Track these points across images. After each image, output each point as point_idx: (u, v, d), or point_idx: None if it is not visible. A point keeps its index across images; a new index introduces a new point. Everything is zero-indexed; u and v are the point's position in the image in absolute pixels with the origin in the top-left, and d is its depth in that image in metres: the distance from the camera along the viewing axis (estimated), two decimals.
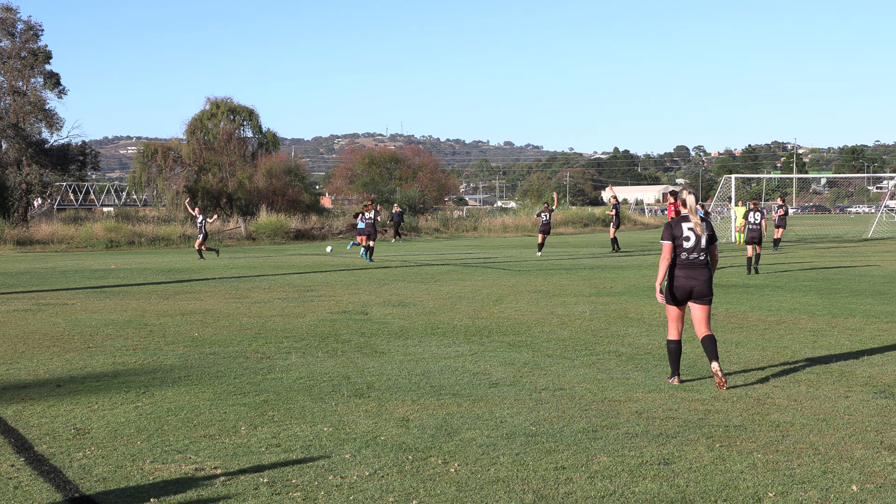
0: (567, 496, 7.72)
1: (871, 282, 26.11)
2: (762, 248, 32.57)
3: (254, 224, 65.15)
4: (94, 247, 56.11)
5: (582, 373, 13.12)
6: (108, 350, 15.51)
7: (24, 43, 71.96)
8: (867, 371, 13.06)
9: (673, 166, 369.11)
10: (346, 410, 10.88)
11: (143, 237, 59.71)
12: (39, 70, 72.82)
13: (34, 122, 73.52)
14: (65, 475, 8.46)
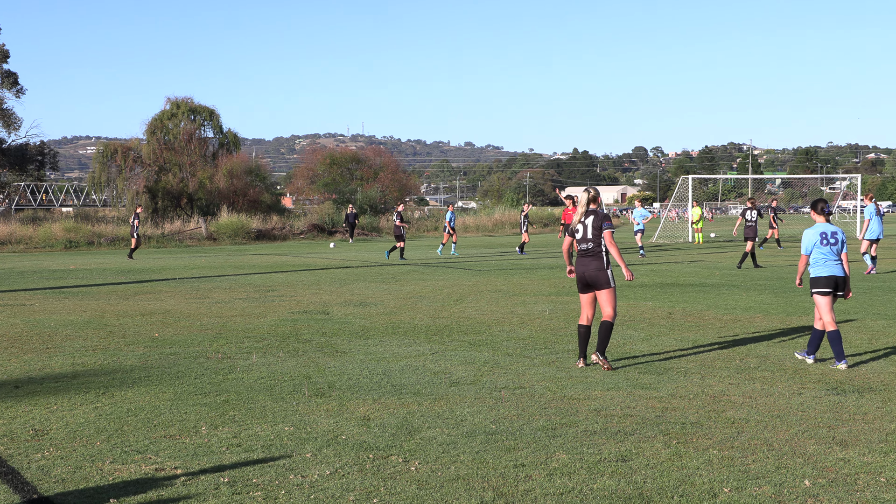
0: (526, 493, 7.75)
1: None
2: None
3: (214, 224, 64.92)
4: (52, 247, 55.79)
5: (541, 371, 13.16)
6: (68, 351, 15.43)
7: None
8: (820, 368, 13.17)
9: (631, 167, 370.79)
10: (307, 410, 10.88)
11: (102, 237, 59.34)
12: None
13: None
14: (23, 476, 8.42)
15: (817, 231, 13.47)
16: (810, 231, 13.53)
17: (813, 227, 13.58)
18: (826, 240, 13.40)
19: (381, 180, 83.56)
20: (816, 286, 13.45)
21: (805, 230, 13.65)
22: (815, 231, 13.49)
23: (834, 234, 13.47)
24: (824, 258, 13.40)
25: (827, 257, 13.40)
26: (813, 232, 13.48)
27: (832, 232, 13.46)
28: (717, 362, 13.82)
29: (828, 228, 13.49)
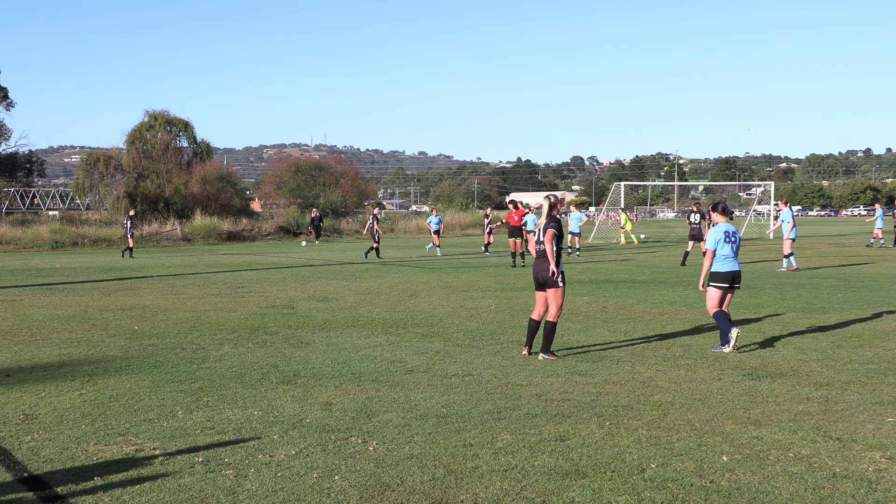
0: (474, 470, 7.79)
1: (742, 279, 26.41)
2: None
3: (189, 226, 64.61)
4: (40, 247, 55.30)
5: (488, 360, 13.20)
6: (54, 342, 15.33)
7: None
8: (737, 356, 13.27)
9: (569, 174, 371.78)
10: (274, 396, 10.87)
11: (86, 238, 58.99)
12: None
13: None
14: (14, 457, 8.39)
15: (721, 230, 13.75)
16: (716, 229, 13.81)
17: (718, 227, 13.85)
18: (728, 238, 13.72)
19: (342, 186, 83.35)
20: (716, 280, 13.70)
21: (711, 228, 13.93)
22: (720, 230, 13.76)
23: (735, 233, 13.87)
24: (725, 255, 13.69)
25: (727, 254, 13.69)
26: (718, 230, 13.76)
27: (733, 231, 13.84)
28: (645, 351, 13.91)
29: (729, 228, 13.84)
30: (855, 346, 14.15)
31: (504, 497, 7.12)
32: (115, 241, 58.54)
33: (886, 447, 8.44)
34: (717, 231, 13.74)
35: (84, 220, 74.47)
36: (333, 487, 7.40)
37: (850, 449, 8.39)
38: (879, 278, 26.38)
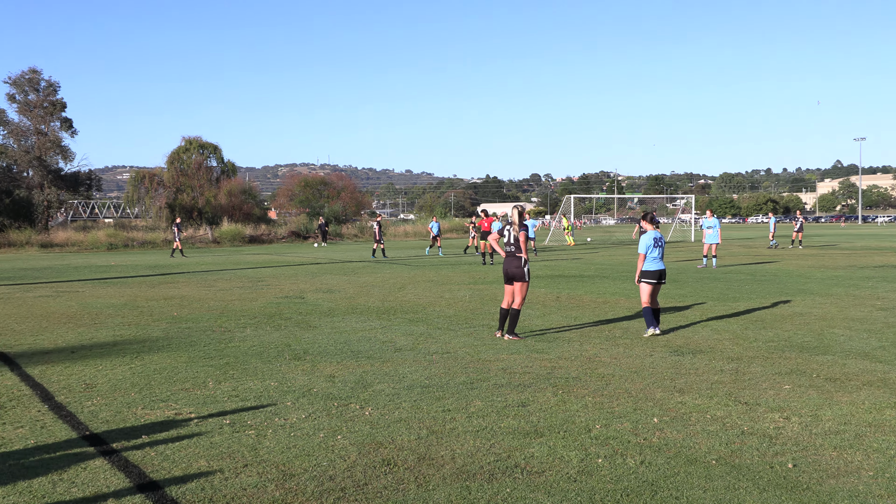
0: (451, 430, 7.81)
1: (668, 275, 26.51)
2: None
3: (218, 231, 64.54)
4: (98, 248, 55.11)
5: (463, 340, 13.20)
6: (109, 325, 15.29)
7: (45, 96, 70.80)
8: (665, 337, 13.32)
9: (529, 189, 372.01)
10: (287, 370, 10.86)
11: (134, 241, 58.96)
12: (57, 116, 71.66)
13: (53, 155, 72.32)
14: (78, 418, 8.38)
15: (651, 237, 13.80)
16: (646, 236, 13.84)
17: (648, 234, 13.88)
18: (657, 243, 13.79)
19: (343, 198, 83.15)
20: (646, 277, 13.72)
21: (642, 235, 13.96)
22: (649, 236, 13.81)
23: (661, 238, 13.95)
24: (654, 257, 13.74)
25: (656, 256, 13.75)
26: (648, 237, 13.81)
27: (660, 237, 13.92)
28: (591, 333, 13.93)
29: (657, 234, 13.90)
30: (759, 328, 14.23)
31: (476, 453, 7.14)
32: (158, 244, 58.50)
33: (784, 409, 8.50)
34: (647, 237, 13.81)
35: (133, 227, 74.50)
36: (336, 445, 7.41)
37: (755, 411, 8.45)
38: (779, 273, 26.51)
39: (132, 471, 6.73)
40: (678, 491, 6.20)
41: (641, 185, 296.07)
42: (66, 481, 6.51)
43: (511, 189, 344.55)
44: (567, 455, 7.05)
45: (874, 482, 6.38)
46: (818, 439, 7.48)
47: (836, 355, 11.61)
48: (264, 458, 7.05)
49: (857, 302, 18.02)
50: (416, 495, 6.16)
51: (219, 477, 6.57)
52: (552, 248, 50.01)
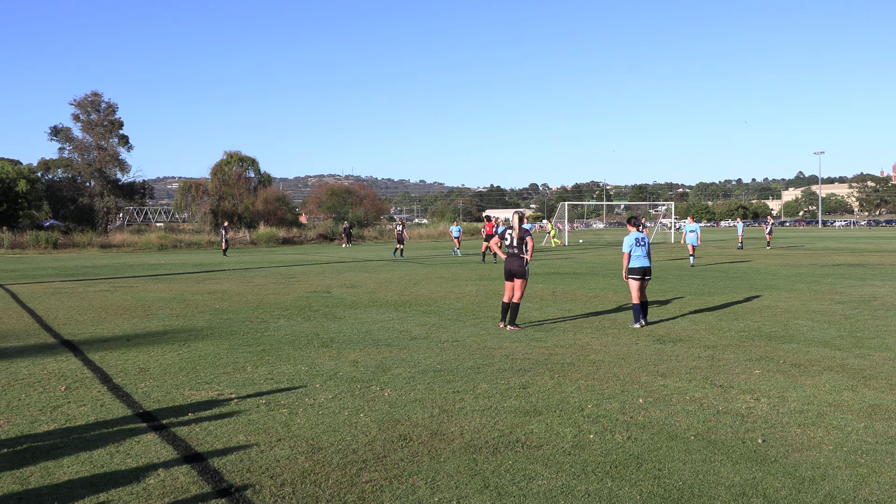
0: (460, 409, 7.79)
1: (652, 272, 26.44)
2: None
3: (255, 234, 64.67)
4: (150, 249, 55.25)
5: (470, 330, 13.19)
6: (160, 316, 15.31)
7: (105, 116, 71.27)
8: (648, 328, 13.29)
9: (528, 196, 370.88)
10: (316, 356, 10.86)
11: (182, 242, 59.09)
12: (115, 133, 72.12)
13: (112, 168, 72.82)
14: (132, 398, 8.39)
15: (633, 237, 13.78)
16: (629, 237, 13.82)
17: (630, 235, 13.87)
18: (639, 243, 13.76)
19: (365, 205, 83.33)
20: (632, 274, 13.68)
21: (625, 237, 13.94)
22: (631, 237, 13.80)
23: (643, 239, 13.88)
24: (637, 255, 13.72)
25: (639, 254, 13.72)
26: (630, 238, 13.79)
27: (642, 238, 13.85)
28: (584, 323, 13.91)
29: (639, 235, 13.85)
30: (732, 319, 14.18)
31: (482, 429, 7.12)
32: (202, 245, 58.59)
33: (754, 391, 8.47)
34: (629, 238, 13.81)
35: (181, 230, 74.96)
36: (359, 422, 7.39)
37: (729, 393, 8.42)
38: (749, 271, 26.44)
39: (179, 444, 6.73)
40: (661, 463, 6.18)
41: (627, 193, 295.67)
42: (122, 453, 6.52)
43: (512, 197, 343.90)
44: (562, 431, 7.03)
45: (834, 455, 6.36)
46: (784, 418, 7.45)
47: (799, 343, 11.57)
48: (295, 433, 7.04)
49: (818, 296, 17.96)
50: (429, 466, 6.15)
51: (255, 450, 6.57)
52: (548, 249, 49.98)
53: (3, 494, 5.63)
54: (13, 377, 9.59)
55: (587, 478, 5.88)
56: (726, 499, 5.46)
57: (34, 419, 7.61)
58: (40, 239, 53.53)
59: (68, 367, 10.25)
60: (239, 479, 5.91)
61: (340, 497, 5.55)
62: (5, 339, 12.67)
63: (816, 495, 5.53)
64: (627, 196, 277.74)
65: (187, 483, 5.82)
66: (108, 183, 72.50)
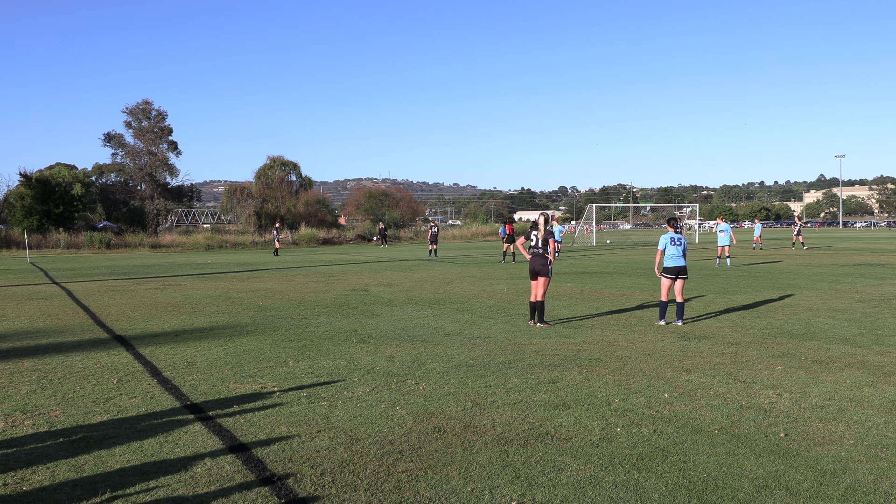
0: (493, 403, 7.78)
1: None
2: None
3: (296, 235, 65.11)
4: (197, 249, 55.78)
5: (502, 327, 13.17)
6: (207, 313, 15.44)
7: (155, 123, 72.17)
8: (673, 325, 13.19)
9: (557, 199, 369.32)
10: (354, 351, 10.89)
11: (227, 243, 59.63)
12: (165, 139, 73.04)
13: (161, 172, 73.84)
14: (180, 390, 8.46)
15: (668, 236, 13.72)
16: (665, 236, 13.77)
17: (666, 234, 13.81)
18: (674, 242, 13.66)
19: (401, 207, 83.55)
20: (666, 272, 13.60)
21: (661, 235, 13.91)
22: (667, 236, 13.73)
23: (679, 239, 13.76)
24: (672, 254, 13.62)
25: (674, 254, 13.61)
26: (666, 236, 13.74)
27: (678, 237, 13.74)
28: (611, 321, 13.83)
29: (675, 235, 13.74)
30: (755, 317, 14.03)
31: (513, 422, 7.10)
32: (247, 245, 59.11)
33: (776, 387, 8.37)
34: (665, 237, 13.76)
35: (226, 231, 75.59)
36: (395, 414, 7.41)
37: (752, 388, 8.33)
38: (771, 270, 26.16)
39: (225, 435, 6.78)
40: (685, 456, 6.13)
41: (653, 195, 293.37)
42: (171, 442, 6.58)
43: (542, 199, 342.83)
44: (590, 424, 6.99)
45: (854, 449, 6.28)
46: (806, 412, 7.36)
47: (821, 341, 11.43)
48: (335, 425, 7.07)
49: (839, 295, 17.72)
50: (462, 457, 6.15)
51: (297, 440, 6.60)
52: (577, 249, 49.78)
53: (59, 482, 5.70)
54: (69, 370, 9.73)
55: (614, 469, 5.85)
56: (749, 491, 5.41)
57: (88, 410, 7.71)
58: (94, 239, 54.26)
59: (120, 360, 10.36)
60: (281, 468, 5.94)
61: (377, 486, 5.56)
62: (62, 335, 12.85)
63: (837, 488, 5.46)
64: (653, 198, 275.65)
65: (232, 472, 5.86)
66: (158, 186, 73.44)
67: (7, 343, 12.01)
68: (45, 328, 13.69)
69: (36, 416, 7.52)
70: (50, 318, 15.16)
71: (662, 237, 13.79)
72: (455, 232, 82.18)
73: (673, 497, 5.31)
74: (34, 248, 51.93)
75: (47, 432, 6.95)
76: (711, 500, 5.26)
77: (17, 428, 7.10)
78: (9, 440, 6.73)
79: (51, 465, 6.06)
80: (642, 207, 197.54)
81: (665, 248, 13.70)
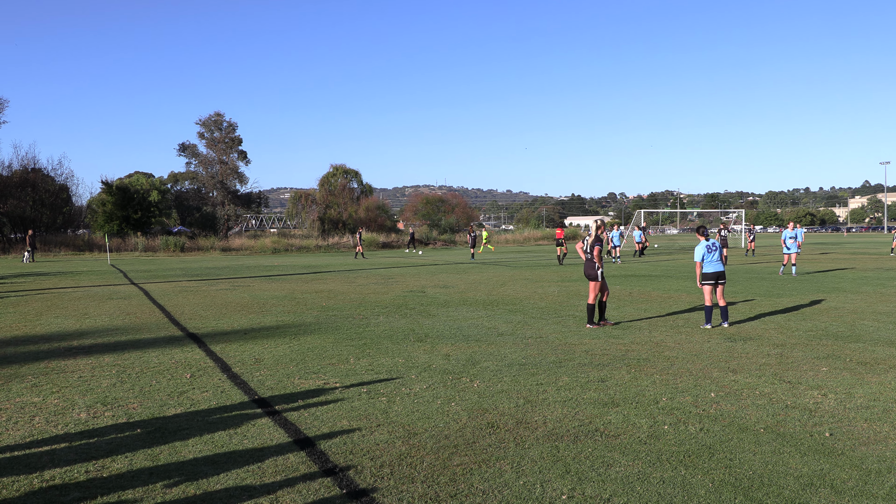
0: (544, 400, 7.74)
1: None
2: None
3: None
4: (264, 252, 56.48)
5: (553, 327, 13.10)
6: (273, 313, 15.63)
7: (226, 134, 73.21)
8: (719, 327, 12.99)
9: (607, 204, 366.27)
10: (412, 349, 10.93)
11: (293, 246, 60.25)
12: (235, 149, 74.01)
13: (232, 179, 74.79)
14: (249, 385, 8.57)
15: (703, 245, 13.39)
16: (699, 246, 13.43)
17: (700, 244, 13.45)
18: (710, 249, 13.37)
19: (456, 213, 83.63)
20: (705, 280, 13.37)
21: (696, 247, 13.56)
22: (702, 245, 13.41)
23: (714, 244, 13.43)
24: (710, 261, 13.38)
25: (711, 260, 13.38)
26: (701, 246, 13.41)
27: (713, 244, 13.41)
28: (658, 322, 13.67)
29: (709, 242, 13.40)
30: (800, 320, 13.75)
31: (564, 419, 7.06)
32: (311, 249, 59.63)
33: (821, 387, 8.19)
34: (700, 247, 13.44)
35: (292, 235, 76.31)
36: (451, 410, 7.41)
37: (797, 389, 8.16)
38: (817, 275, 25.60)
39: (290, 428, 6.85)
40: (732, 453, 6.03)
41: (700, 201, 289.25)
42: (240, 435, 6.67)
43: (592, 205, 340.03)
44: (639, 422, 6.92)
45: None
46: (851, 413, 7.19)
47: (865, 343, 11.15)
48: (393, 419, 7.10)
49: (884, 298, 17.27)
50: (514, 452, 6.13)
51: (357, 434, 6.65)
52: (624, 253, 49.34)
53: (136, 469, 5.82)
54: (145, 365, 9.92)
55: (662, 466, 5.78)
56: (795, 488, 5.30)
57: (163, 403, 7.86)
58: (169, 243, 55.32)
59: (193, 357, 10.54)
60: (343, 460, 5.99)
61: (434, 478, 5.57)
62: (139, 332, 13.12)
63: (882, 487, 5.32)
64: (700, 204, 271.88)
65: (297, 463, 5.92)
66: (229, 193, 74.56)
67: (89, 339, 12.31)
68: (124, 326, 13.99)
69: (115, 408, 7.69)
70: (129, 316, 15.49)
71: (697, 248, 13.51)
72: (508, 236, 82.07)
73: (719, 494, 5.22)
74: (114, 251, 53.14)
75: (126, 423, 7.11)
76: (757, 497, 5.16)
77: (98, 419, 7.27)
78: (90, 430, 6.89)
79: (129, 454, 6.20)
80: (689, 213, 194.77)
81: (703, 259, 13.45)
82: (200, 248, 56.94)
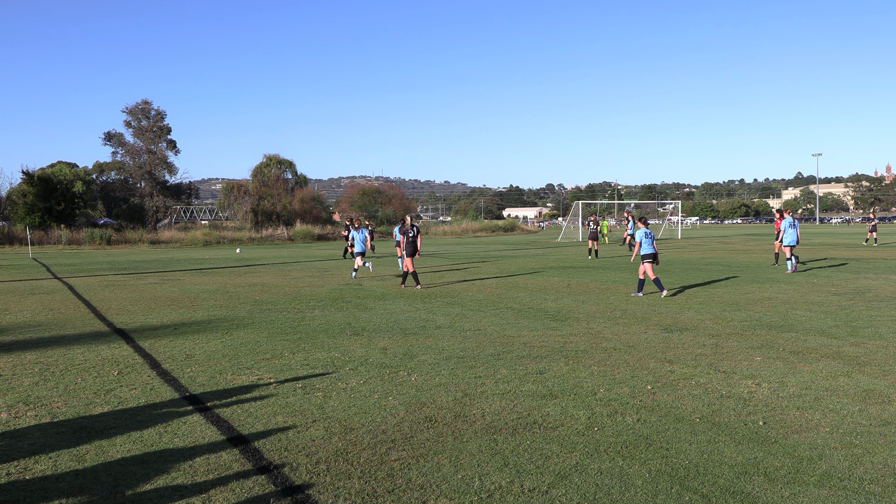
0: (482, 393, 7.79)
1: (660, 266, 26.31)
2: None
3: (292, 231, 64.87)
4: (195, 245, 55.55)
5: (491, 320, 13.18)
6: (205, 307, 15.41)
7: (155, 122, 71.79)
8: (657, 318, 13.23)
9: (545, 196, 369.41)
10: (349, 343, 10.89)
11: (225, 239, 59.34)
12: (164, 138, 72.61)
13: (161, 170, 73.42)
14: (179, 382, 8.44)
15: (643, 231, 16.66)
16: (640, 231, 16.70)
17: (641, 230, 16.67)
18: (647, 235, 16.67)
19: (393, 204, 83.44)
20: (645, 258, 16.54)
21: (637, 231, 16.64)
22: (642, 231, 16.68)
23: (651, 233, 16.83)
24: (648, 244, 16.63)
25: (649, 243, 16.62)
26: (641, 231, 16.69)
27: (649, 232, 16.80)
28: (596, 313, 13.86)
29: (648, 230, 16.73)
30: (735, 310, 14.08)
31: (502, 411, 7.11)
32: (244, 241, 58.81)
33: (755, 377, 8.41)
34: (640, 232, 16.62)
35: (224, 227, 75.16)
36: (388, 404, 7.41)
37: (732, 378, 8.36)
38: (750, 265, 26.24)
39: (223, 425, 6.77)
40: (668, 443, 6.15)
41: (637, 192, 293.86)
42: (170, 433, 6.57)
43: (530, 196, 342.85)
44: (577, 413, 7.01)
45: (830, 436, 6.31)
46: (784, 401, 7.40)
47: (798, 332, 11.48)
48: (329, 415, 7.07)
49: (815, 288, 17.80)
50: (452, 446, 6.15)
51: (293, 431, 6.60)
52: (563, 244, 49.80)
53: (61, 471, 5.69)
54: (70, 362, 9.70)
55: (600, 457, 5.87)
56: (729, 477, 5.43)
57: (89, 401, 7.69)
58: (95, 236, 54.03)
59: (120, 353, 10.34)
60: (277, 457, 5.94)
61: (371, 473, 5.57)
62: (63, 328, 12.80)
63: (814, 474, 5.49)
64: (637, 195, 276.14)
65: (230, 461, 5.85)
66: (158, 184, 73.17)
67: (10, 336, 11.97)
68: (47, 322, 13.64)
69: (38, 407, 7.49)
70: (52, 311, 15.11)
71: (638, 232, 16.57)
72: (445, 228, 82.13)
73: (656, 483, 5.33)
74: (36, 245, 51.70)
75: (49, 423, 6.94)
76: (693, 486, 5.28)
77: (21, 419, 7.08)
78: (12, 431, 6.71)
79: (53, 454, 6.05)
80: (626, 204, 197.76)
81: (642, 241, 16.74)
82: (128, 240, 55.75)
